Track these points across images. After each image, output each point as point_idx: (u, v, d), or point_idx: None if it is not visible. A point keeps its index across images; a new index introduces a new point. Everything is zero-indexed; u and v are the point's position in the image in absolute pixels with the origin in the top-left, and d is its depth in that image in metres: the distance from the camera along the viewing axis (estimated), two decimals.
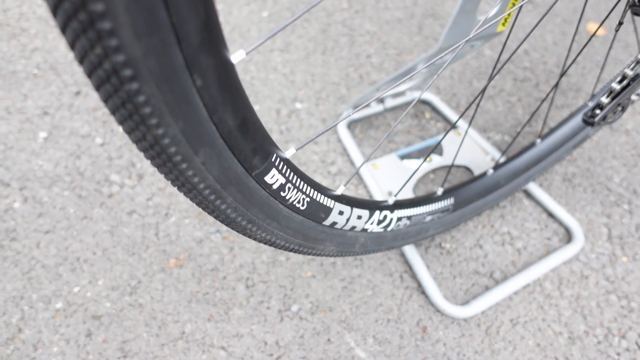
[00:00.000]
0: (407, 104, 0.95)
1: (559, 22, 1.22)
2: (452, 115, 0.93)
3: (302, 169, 0.82)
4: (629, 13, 0.94)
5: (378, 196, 0.79)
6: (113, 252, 0.70)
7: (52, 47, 0.99)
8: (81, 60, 0.22)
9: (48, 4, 0.20)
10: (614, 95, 0.52)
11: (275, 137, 0.87)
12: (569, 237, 0.78)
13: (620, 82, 0.52)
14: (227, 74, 0.28)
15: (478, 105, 0.55)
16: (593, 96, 0.79)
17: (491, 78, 0.51)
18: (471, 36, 0.41)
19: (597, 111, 0.54)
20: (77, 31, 0.20)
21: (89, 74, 0.23)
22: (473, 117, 0.59)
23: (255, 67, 1.01)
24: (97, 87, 0.24)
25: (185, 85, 0.25)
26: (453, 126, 0.55)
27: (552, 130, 0.78)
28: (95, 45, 0.21)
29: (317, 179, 0.81)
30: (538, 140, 0.77)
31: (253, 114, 0.32)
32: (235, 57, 0.29)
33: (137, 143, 0.27)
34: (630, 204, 0.83)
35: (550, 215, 0.80)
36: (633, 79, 0.52)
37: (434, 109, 0.96)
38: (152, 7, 0.21)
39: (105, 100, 0.24)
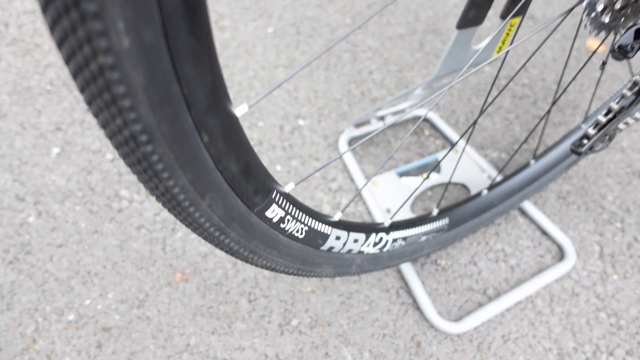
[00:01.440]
0: (407, 121, 0.98)
1: (558, 38, 1.24)
2: (451, 133, 0.96)
3: (304, 185, 0.85)
4: None
5: (376, 213, 0.81)
6: (122, 266, 0.73)
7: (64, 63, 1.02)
8: (103, 126, 0.25)
9: (76, 85, 0.23)
10: (600, 127, 0.55)
11: (278, 153, 0.90)
12: (561, 254, 0.80)
13: (605, 115, 0.54)
14: (231, 127, 0.31)
15: (475, 122, 0.58)
16: (587, 118, 0.82)
17: (482, 111, 0.54)
18: (458, 80, 0.43)
19: (585, 141, 0.57)
20: (101, 107, 0.23)
21: (110, 138, 0.26)
22: (470, 134, 0.61)
23: (260, 84, 1.04)
24: (117, 147, 0.27)
25: (194, 143, 0.28)
26: (453, 146, 0.58)
27: (546, 152, 0.81)
28: (116, 118, 0.24)
29: (319, 195, 0.84)
30: (532, 162, 0.79)
31: (255, 158, 0.35)
32: (239, 110, 0.32)
33: (150, 191, 0.30)
34: (622, 222, 0.85)
35: (544, 233, 0.83)
36: (619, 111, 0.54)
37: (433, 126, 0.99)
38: (166, 84, 0.24)
39: (123, 157, 0.27)
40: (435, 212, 0.69)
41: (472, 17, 0.59)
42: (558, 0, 1.35)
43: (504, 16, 0.61)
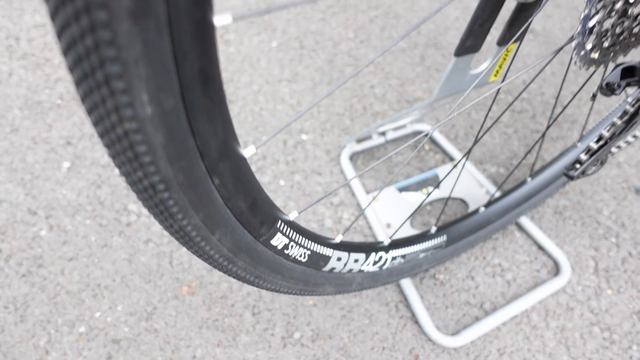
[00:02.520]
0: (408, 135, 1.00)
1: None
2: (451, 148, 0.98)
3: (307, 199, 0.88)
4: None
5: (377, 228, 0.84)
6: (131, 279, 0.76)
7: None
8: (125, 176, 0.28)
9: (102, 142, 0.26)
10: (591, 153, 0.57)
11: (281, 168, 0.93)
12: (557, 269, 0.82)
13: (597, 141, 0.56)
14: (240, 168, 0.33)
15: (477, 139, 0.60)
16: (583, 136, 0.84)
17: (477, 140, 0.56)
18: (466, 107, 0.46)
19: (577, 165, 0.59)
20: (124, 161, 0.26)
21: (130, 185, 0.28)
22: (470, 150, 0.63)
23: (264, 98, 1.06)
24: (136, 193, 0.29)
25: (206, 186, 0.31)
26: (454, 166, 0.60)
27: (543, 169, 0.83)
28: (137, 170, 0.26)
29: (321, 210, 0.87)
30: (529, 179, 0.81)
31: (262, 193, 0.38)
32: (247, 152, 0.34)
33: (165, 228, 0.33)
34: (617, 237, 0.87)
35: (540, 247, 0.85)
36: (609, 138, 0.57)
37: (433, 141, 1.01)
38: (182, 140, 0.26)
39: (142, 201, 0.30)
40: (433, 229, 0.71)
41: (469, 46, 0.61)
42: (558, 13, 1.37)
43: (500, 43, 0.63)
